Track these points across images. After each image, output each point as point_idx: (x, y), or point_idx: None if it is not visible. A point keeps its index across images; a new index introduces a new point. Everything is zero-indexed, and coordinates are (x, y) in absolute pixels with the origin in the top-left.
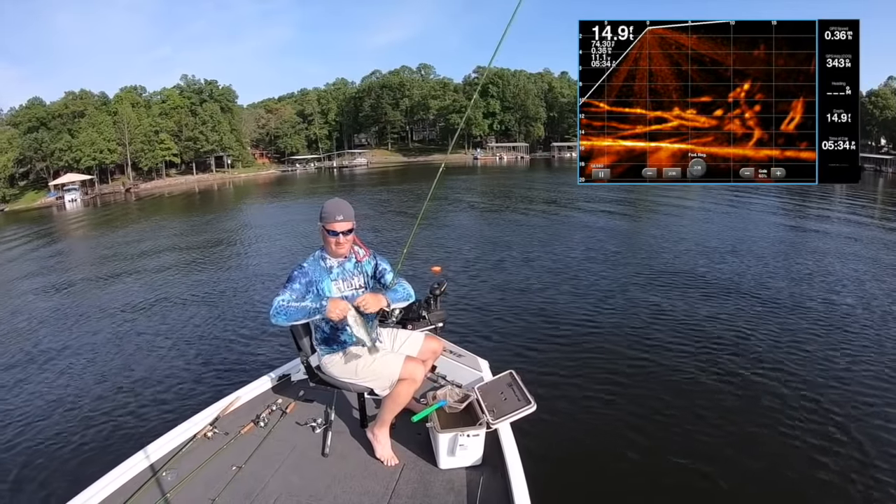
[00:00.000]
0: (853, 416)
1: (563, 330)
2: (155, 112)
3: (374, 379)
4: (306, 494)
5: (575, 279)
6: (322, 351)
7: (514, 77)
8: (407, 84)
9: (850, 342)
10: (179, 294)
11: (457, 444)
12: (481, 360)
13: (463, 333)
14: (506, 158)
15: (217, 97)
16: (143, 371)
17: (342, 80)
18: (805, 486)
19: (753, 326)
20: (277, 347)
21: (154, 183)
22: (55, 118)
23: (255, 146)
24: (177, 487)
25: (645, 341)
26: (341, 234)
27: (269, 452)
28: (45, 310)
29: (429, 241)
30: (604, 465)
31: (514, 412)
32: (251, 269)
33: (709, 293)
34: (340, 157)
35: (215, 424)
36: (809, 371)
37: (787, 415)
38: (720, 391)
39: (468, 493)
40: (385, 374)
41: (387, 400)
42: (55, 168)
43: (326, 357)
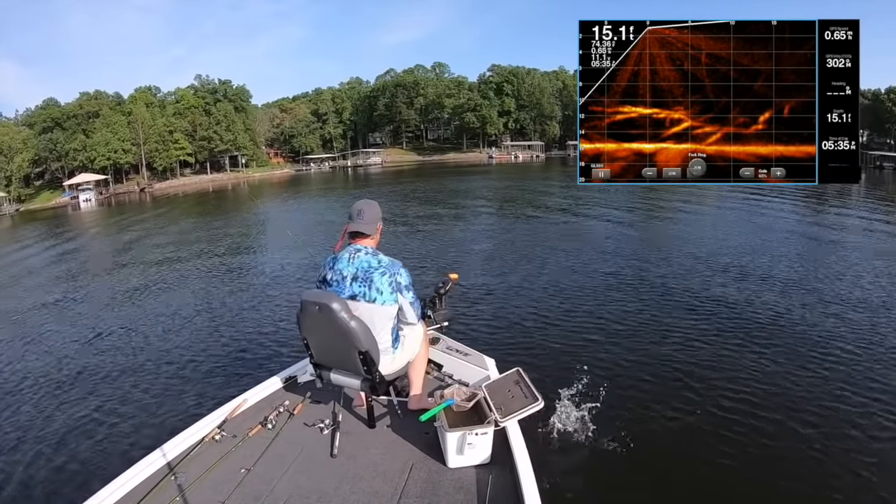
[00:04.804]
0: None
1: (570, 327)
2: (169, 112)
3: (415, 350)
4: (315, 495)
5: (581, 276)
6: (393, 349)
7: (528, 75)
8: (421, 83)
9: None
10: (186, 296)
11: (465, 443)
12: (488, 358)
13: (469, 332)
14: (521, 157)
15: (231, 97)
16: (149, 374)
17: (357, 79)
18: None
19: (777, 325)
20: (284, 349)
21: (168, 183)
22: (70, 118)
23: (270, 145)
24: (186, 491)
25: (653, 337)
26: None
27: (278, 454)
28: (54, 310)
29: (438, 239)
30: (612, 461)
31: (522, 410)
32: (258, 270)
33: (718, 286)
34: (355, 156)
35: (223, 427)
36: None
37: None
38: (737, 385)
39: (477, 491)
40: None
41: (413, 371)
42: (70, 168)
43: (398, 353)
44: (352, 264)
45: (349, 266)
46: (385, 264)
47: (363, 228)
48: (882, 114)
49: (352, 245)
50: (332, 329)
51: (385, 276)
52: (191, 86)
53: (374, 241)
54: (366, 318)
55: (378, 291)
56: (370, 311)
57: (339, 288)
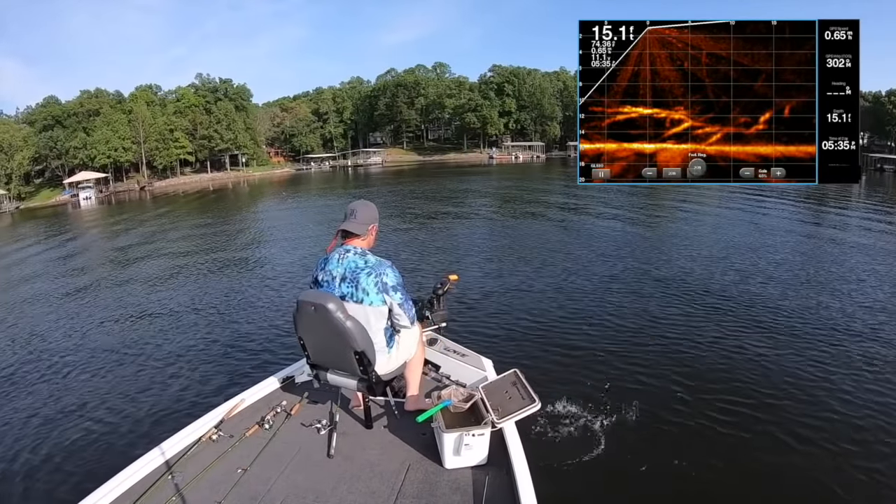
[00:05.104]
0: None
1: (568, 328)
2: (170, 110)
3: (411, 351)
4: (312, 496)
5: (580, 277)
6: (388, 349)
7: (529, 76)
8: (422, 83)
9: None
10: (183, 296)
11: (462, 444)
12: (485, 359)
13: (467, 333)
14: (521, 157)
15: (232, 96)
16: (147, 374)
17: (357, 78)
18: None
19: (771, 327)
20: (281, 349)
21: (169, 181)
22: (70, 116)
23: (271, 145)
24: (182, 491)
25: (652, 338)
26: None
27: (275, 454)
28: (51, 308)
29: (437, 239)
30: (609, 463)
31: (519, 411)
32: (255, 270)
33: (718, 288)
34: (355, 155)
35: (220, 427)
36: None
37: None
38: (736, 386)
39: (474, 492)
40: (412, 341)
41: (409, 372)
42: (70, 166)
43: (393, 353)
44: (340, 265)
45: (338, 266)
46: (371, 264)
47: (353, 228)
48: (883, 116)
49: (343, 245)
50: (327, 329)
51: (371, 277)
52: (191, 85)
53: (366, 242)
54: (360, 319)
55: (364, 292)
56: (362, 311)
57: (330, 288)
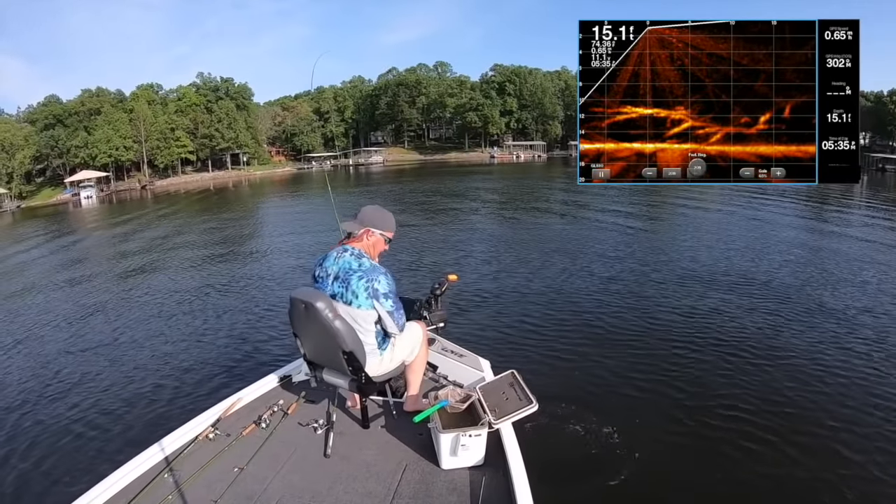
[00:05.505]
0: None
1: (566, 329)
2: (171, 109)
3: (409, 353)
4: (308, 495)
5: (579, 278)
6: (381, 351)
7: (530, 75)
8: (423, 82)
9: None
10: (180, 295)
11: (459, 445)
12: (483, 359)
13: (464, 333)
14: (523, 157)
15: (233, 95)
16: (143, 373)
17: (359, 77)
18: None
19: (782, 327)
20: (279, 348)
21: (170, 180)
22: (72, 115)
23: (272, 144)
24: (179, 489)
25: (651, 340)
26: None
27: (271, 453)
28: (50, 307)
29: (437, 238)
30: (605, 464)
31: (516, 412)
32: (256, 268)
33: (718, 289)
34: (357, 154)
35: (217, 426)
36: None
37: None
38: (735, 389)
39: (470, 493)
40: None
41: (410, 373)
42: (71, 165)
43: (386, 354)
44: (336, 263)
45: (333, 264)
46: (365, 268)
47: (347, 227)
48: (884, 116)
49: (343, 244)
50: (317, 328)
51: (362, 281)
52: (193, 83)
53: (363, 244)
54: (350, 319)
55: (354, 294)
56: (351, 312)
57: (323, 285)
